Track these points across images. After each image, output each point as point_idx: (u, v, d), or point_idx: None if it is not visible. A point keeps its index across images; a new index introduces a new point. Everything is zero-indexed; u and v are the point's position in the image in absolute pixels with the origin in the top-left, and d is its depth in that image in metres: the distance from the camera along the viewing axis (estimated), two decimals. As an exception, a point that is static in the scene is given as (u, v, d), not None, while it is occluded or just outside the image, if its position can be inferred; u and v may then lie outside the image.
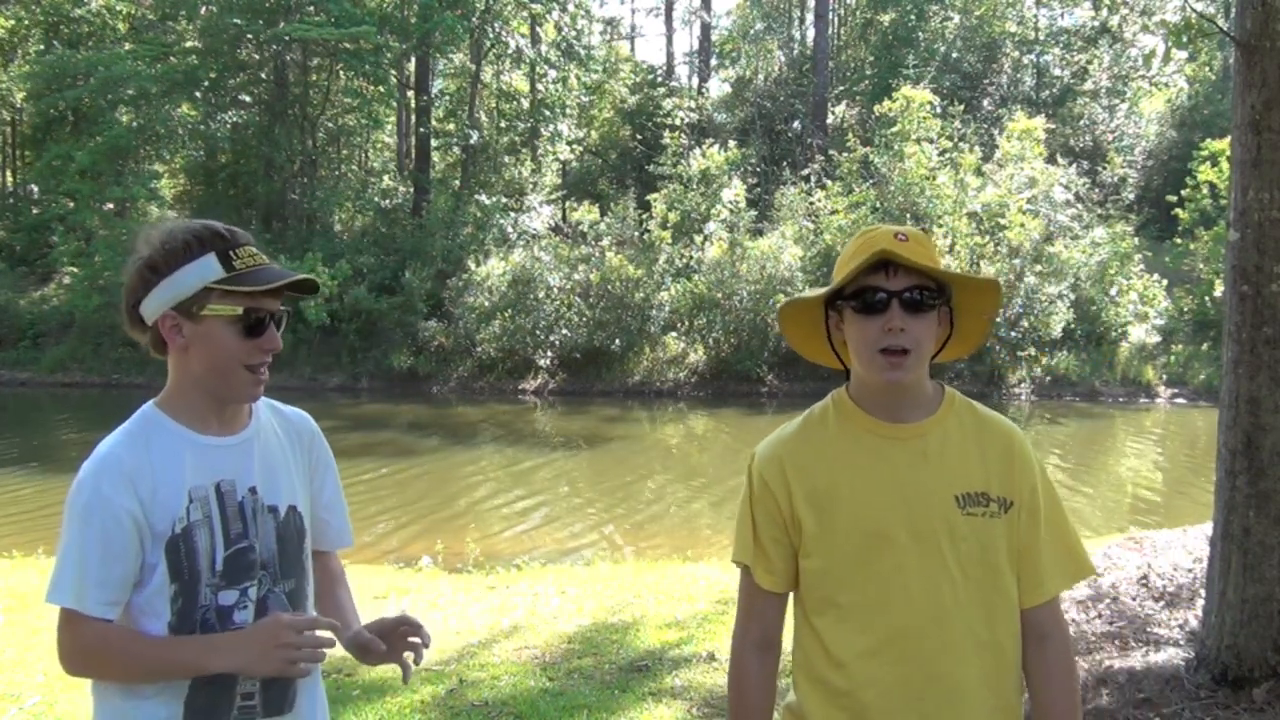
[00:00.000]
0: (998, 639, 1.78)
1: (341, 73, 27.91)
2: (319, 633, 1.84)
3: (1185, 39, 5.29)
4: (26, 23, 30.29)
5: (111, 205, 25.39)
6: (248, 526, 1.88)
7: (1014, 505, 1.79)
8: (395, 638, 1.98)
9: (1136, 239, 22.86)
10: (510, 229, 26.43)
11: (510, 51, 29.35)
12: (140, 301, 1.86)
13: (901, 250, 1.72)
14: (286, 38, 25.66)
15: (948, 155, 22.88)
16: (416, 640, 1.98)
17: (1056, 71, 32.37)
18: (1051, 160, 23.42)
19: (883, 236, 1.77)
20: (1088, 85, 31.09)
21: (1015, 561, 1.81)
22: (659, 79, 36.59)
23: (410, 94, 28.90)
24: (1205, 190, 22.11)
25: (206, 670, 1.80)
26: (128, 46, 27.26)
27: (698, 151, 24.28)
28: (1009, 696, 1.81)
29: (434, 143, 29.44)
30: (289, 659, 1.80)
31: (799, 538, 1.83)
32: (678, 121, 29.02)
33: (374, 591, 6.88)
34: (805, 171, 25.50)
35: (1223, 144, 20.20)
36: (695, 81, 36.65)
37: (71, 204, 25.23)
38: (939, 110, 23.71)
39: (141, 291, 1.85)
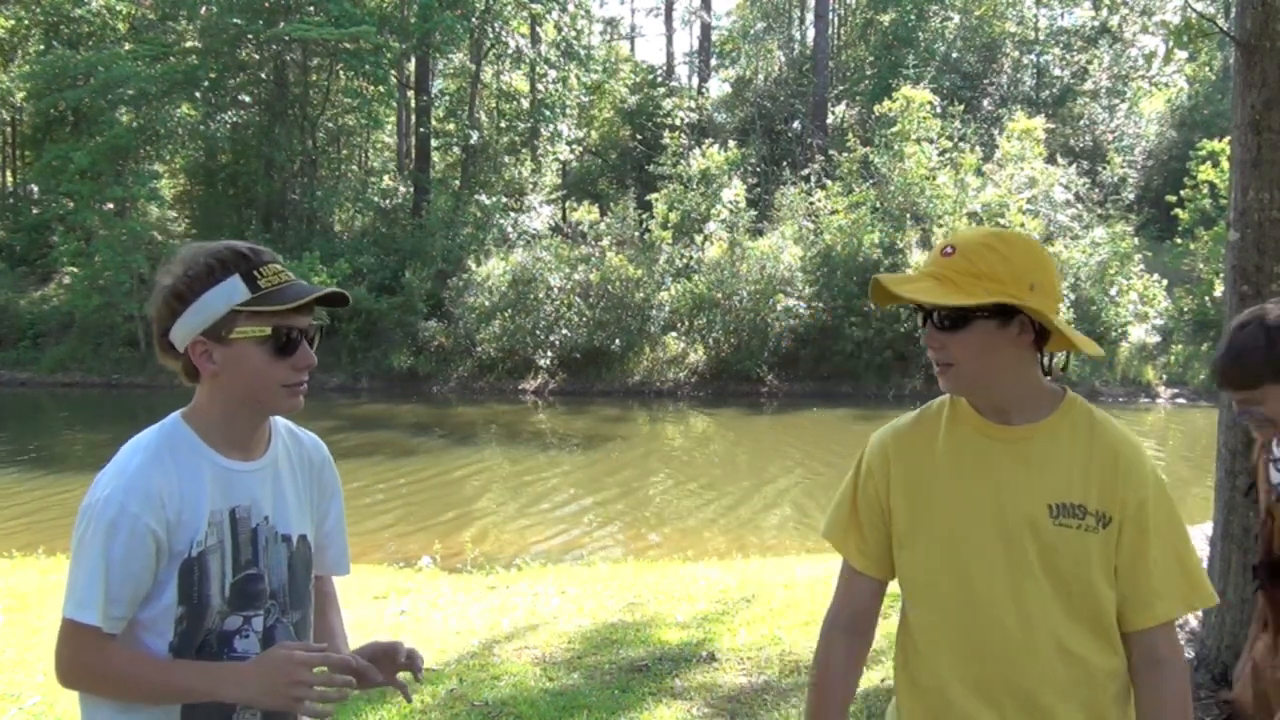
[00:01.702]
0: (1084, 653, 1.76)
1: (341, 73, 27.93)
2: (327, 670, 1.80)
3: (1185, 39, 5.29)
4: (26, 23, 30.28)
5: (111, 205, 25.38)
6: (258, 554, 1.85)
7: (1113, 521, 1.75)
8: (387, 661, 1.95)
9: (1136, 239, 22.87)
10: (510, 229, 26.45)
11: (510, 51, 29.36)
12: (169, 330, 1.83)
13: (939, 266, 1.75)
14: (286, 38, 25.67)
15: (948, 155, 22.89)
16: (408, 664, 1.94)
17: (1056, 71, 32.38)
18: (1051, 160, 23.42)
19: (933, 252, 1.81)
20: (1088, 85, 31.10)
21: (1115, 579, 1.76)
22: (659, 79, 36.59)
23: (410, 94, 28.89)
24: (1205, 190, 22.10)
25: (209, 699, 1.77)
26: (128, 46, 27.26)
27: (698, 151, 24.29)
28: (1100, 713, 1.77)
29: (434, 143, 29.45)
30: (297, 696, 1.75)
31: (892, 527, 1.87)
32: (678, 121, 29.03)
33: (374, 591, 6.88)
34: (805, 171, 25.51)
35: (1221, 144, 20.20)
36: (695, 81, 36.67)
37: (71, 204, 25.23)
38: (939, 110, 23.72)
39: (169, 320, 1.82)
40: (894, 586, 1.98)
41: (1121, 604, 1.77)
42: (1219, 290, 19.24)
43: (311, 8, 25.72)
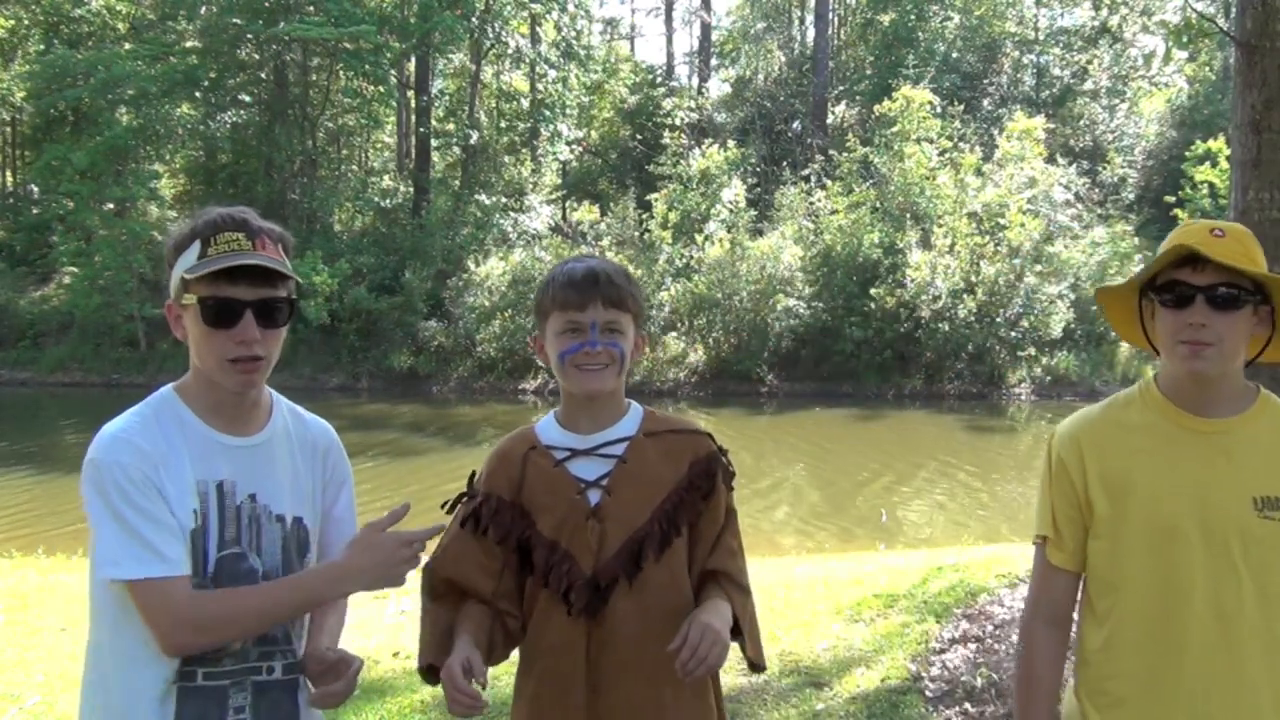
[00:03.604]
0: None
1: (341, 73, 27.90)
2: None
3: (1185, 39, 5.30)
4: (26, 23, 30.26)
5: (111, 205, 25.37)
6: (241, 533, 1.82)
7: None
8: (332, 674, 1.89)
9: (1136, 239, 22.86)
10: (510, 229, 26.44)
11: (510, 51, 29.34)
12: None
13: (1214, 246, 1.73)
14: (286, 37, 25.66)
15: (948, 155, 22.88)
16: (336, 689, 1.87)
17: (1056, 71, 32.34)
18: (1051, 160, 23.41)
19: (1197, 231, 1.78)
20: (1088, 85, 31.07)
21: None
22: (659, 79, 36.58)
23: (410, 94, 28.89)
24: (1204, 190, 22.11)
25: (333, 597, 1.85)
26: (128, 46, 27.22)
27: (698, 151, 24.28)
28: None
29: (434, 143, 29.43)
30: (405, 572, 1.83)
31: (1090, 519, 1.86)
32: (678, 121, 29.01)
33: (374, 591, 6.87)
34: (805, 171, 25.50)
35: (1217, 143, 20.21)
36: (695, 81, 36.63)
37: (71, 204, 25.22)
38: (939, 110, 23.71)
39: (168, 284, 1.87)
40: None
41: None
42: (1219, 290, 19.20)
43: (311, 8, 25.69)
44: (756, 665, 1.96)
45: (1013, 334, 20.80)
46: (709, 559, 1.96)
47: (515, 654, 2.04)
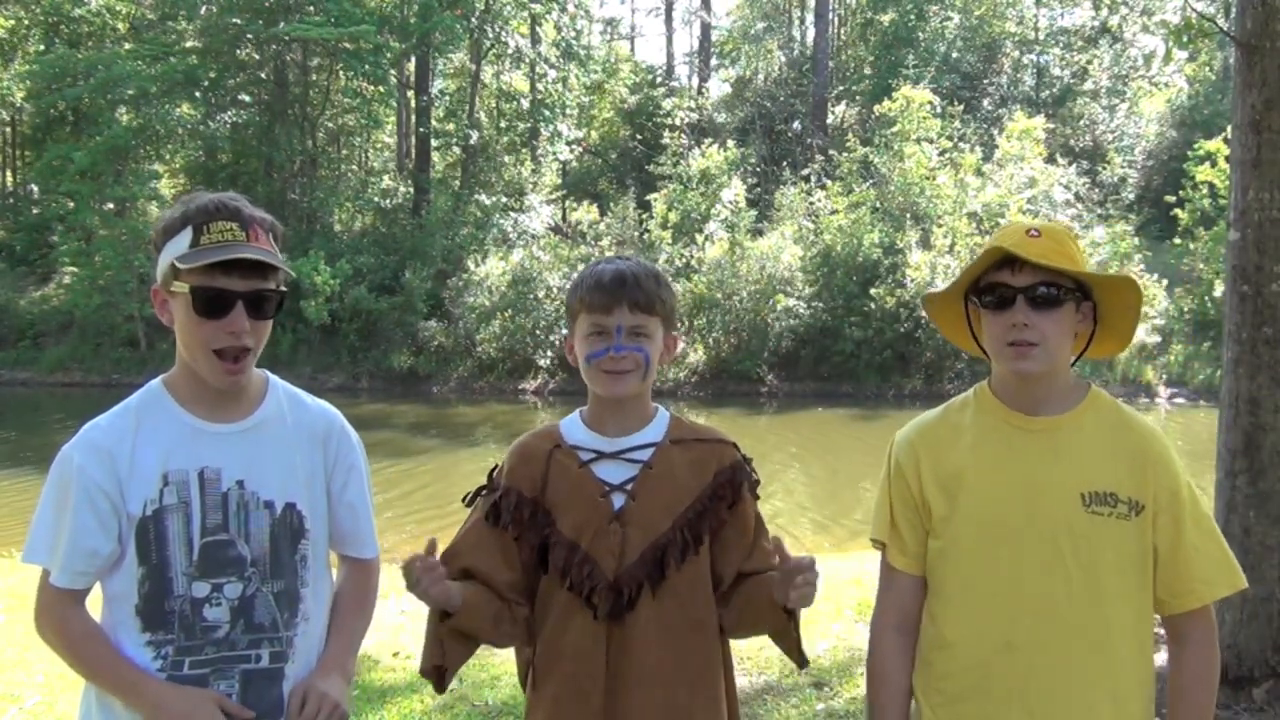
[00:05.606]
0: (1113, 641, 1.77)
1: (341, 73, 27.90)
2: None
3: (1185, 39, 5.29)
4: (26, 23, 30.26)
5: (112, 205, 25.37)
6: (228, 519, 1.82)
7: (1145, 509, 1.77)
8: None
9: (1136, 239, 22.86)
10: (510, 229, 26.44)
11: (510, 51, 29.35)
12: None
13: (1030, 246, 1.74)
14: (286, 37, 25.66)
15: (947, 155, 22.89)
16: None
17: (1056, 71, 32.36)
18: (1051, 160, 23.41)
19: (1013, 233, 1.80)
20: (1088, 85, 31.08)
21: (1148, 566, 1.78)
22: (659, 79, 36.59)
23: (410, 94, 28.89)
24: (1205, 190, 22.10)
25: (130, 706, 1.80)
26: (128, 46, 27.23)
27: (697, 151, 24.28)
28: (1127, 702, 1.78)
29: (434, 143, 29.44)
30: None
31: (929, 520, 1.88)
32: (678, 121, 29.02)
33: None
34: (805, 171, 25.51)
35: (1217, 144, 20.20)
36: (695, 81, 36.65)
37: (71, 204, 25.22)
38: (939, 110, 23.71)
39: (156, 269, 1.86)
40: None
41: (1160, 590, 1.79)
42: (1219, 290, 19.22)
43: (311, 8, 25.69)
44: (805, 660, 2.00)
45: (1013, 334, 20.78)
46: (747, 562, 1.97)
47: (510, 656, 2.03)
